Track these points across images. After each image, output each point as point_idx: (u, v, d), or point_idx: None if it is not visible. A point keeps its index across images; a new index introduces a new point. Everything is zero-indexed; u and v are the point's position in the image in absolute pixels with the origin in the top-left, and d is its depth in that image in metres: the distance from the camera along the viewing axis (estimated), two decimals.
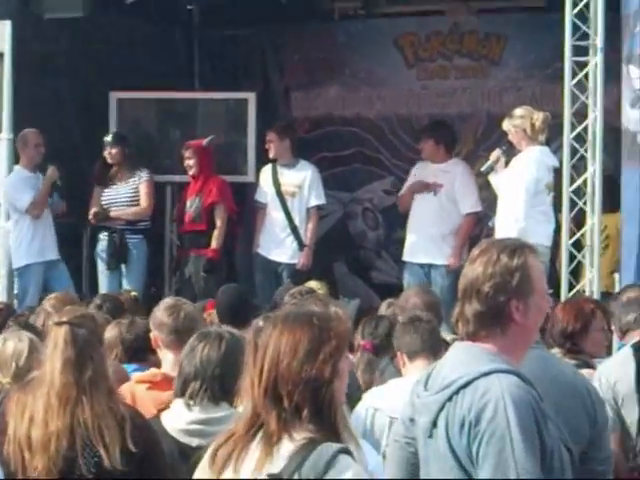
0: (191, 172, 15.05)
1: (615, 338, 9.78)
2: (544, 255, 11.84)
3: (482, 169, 13.82)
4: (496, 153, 13.46)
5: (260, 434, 4.22)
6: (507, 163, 13.31)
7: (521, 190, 12.98)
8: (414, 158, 15.31)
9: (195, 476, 4.56)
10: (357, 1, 16.71)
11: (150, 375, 7.59)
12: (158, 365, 7.77)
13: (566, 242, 12.59)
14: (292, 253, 15.04)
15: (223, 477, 4.35)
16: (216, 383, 5.92)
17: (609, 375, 8.18)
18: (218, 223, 14.95)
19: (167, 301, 8.15)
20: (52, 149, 14.68)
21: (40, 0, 14.48)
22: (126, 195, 15.24)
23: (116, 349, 8.47)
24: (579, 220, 12.73)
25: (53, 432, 5.64)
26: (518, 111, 13.21)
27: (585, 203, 12.56)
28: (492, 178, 13.56)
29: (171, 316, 7.66)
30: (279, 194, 15.11)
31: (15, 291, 14.70)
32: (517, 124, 13.14)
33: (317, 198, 15.23)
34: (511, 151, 13.28)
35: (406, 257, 14.73)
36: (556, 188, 12.95)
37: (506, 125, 13.21)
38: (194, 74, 17.34)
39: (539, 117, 13.06)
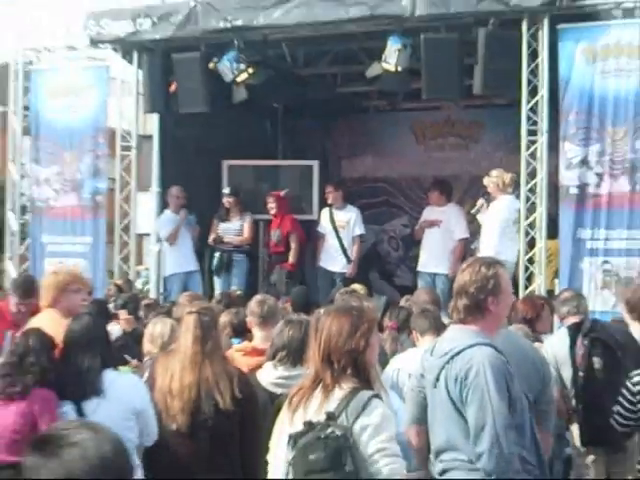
0: (272, 212, 16.49)
1: (556, 322, 10.48)
2: (510, 268, 12.47)
3: (472, 211, 14.98)
4: (481, 200, 14.68)
5: (320, 386, 5.23)
6: (488, 206, 14.42)
7: (496, 225, 14.17)
8: (422, 204, 16.69)
9: (279, 415, 5.55)
10: (384, 100, 18.14)
11: (243, 346, 8.42)
12: (251, 339, 8.53)
13: (523, 258, 13.67)
14: (342, 266, 16.22)
15: (296, 415, 5.26)
16: (296, 353, 6.75)
17: (553, 347, 9.13)
18: (293, 246, 16.29)
19: (257, 297, 8.99)
20: (187, 198, 16.31)
21: (177, 100, 15.32)
22: (235, 228, 16.52)
23: (227, 329, 8.99)
24: (532, 244, 13.73)
25: (186, 385, 6.60)
26: (494, 172, 14.27)
27: (536, 233, 13.59)
28: (478, 216, 14.72)
29: (260, 307, 8.46)
30: (334, 227, 16.31)
31: (161, 290, 16.04)
32: (493, 181, 14.26)
33: (359, 230, 16.42)
34: (489, 199, 14.40)
35: (419, 268, 15.97)
36: (518, 222, 13.86)
37: (486, 181, 14.40)
38: (278, 148, 18.84)
39: (508, 176, 14.16)
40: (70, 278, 9.04)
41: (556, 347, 9.07)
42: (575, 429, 9.03)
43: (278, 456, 5.28)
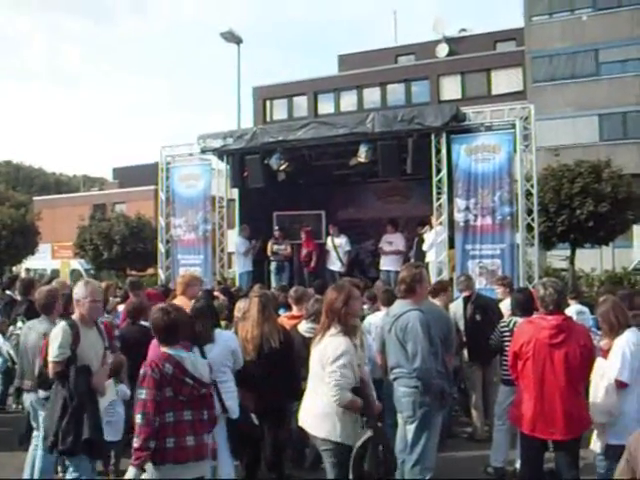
0: (303, 239, 16.38)
1: (456, 294, 10.23)
2: (430, 268, 12.93)
3: (422, 231, 14.21)
4: (426, 227, 14.00)
5: (322, 331, 5.19)
6: (430, 229, 13.74)
7: (429, 245, 13.71)
8: (381, 233, 15.73)
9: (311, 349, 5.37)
10: (359, 178, 17.02)
11: (287, 315, 8.14)
12: (290, 309, 8.36)
13: (437, 260, 13.27)
14: (339, 267, 15.75)
15: (314, 346, 5.27)
16: (318, 316, 6.19)
17: (455, 308, 9.11)
18: (314, 258, 16.10)
19: (294, 287, 8.69)
20: (253, 231, 16.02)
21: (247, 180, 15.11)
22: (282, 248, 16.12)
23: (276, 304, 8.22)
24: (441, 252, 13.21)
25: (255, 335, 6.60)
26: (432, 218, 13.49)
27: (443, 246, 13.19)
28: (424, 236, 14.04)
29: (295, 292, 8.25)
30: (334, 246, 15.87)
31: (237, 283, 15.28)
32: (432, 220, 13.53)
33: (347, 247, 15.92)
34: (430, 227, 13.80)
35: (381, 267, 15.16)
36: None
37: (432, 221, 13.56)
38: (302, 203, 17.44)
39: (436, 222, 13.36)
40: (191, 278, 9.12)
41: (455, 309, 9.11)
42: (465, 352, 9.09)
43: (312, 369, 5.30)
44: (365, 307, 9.20)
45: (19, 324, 8.57)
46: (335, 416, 4.98)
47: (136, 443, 4.50)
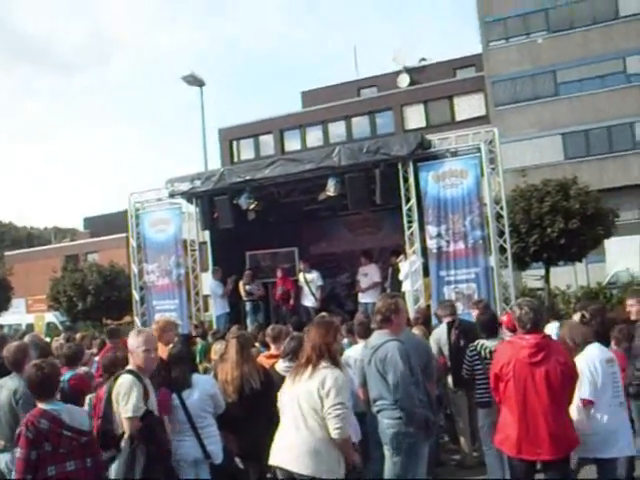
0: (279, 276, 16.16)
1: (434, 321, 10.20)
2: (407, 297, 12.78)
3: (397, 260, 14.18)
4: (401, 257, 14.01)
5: (310, 365, 5.08)
6: (405, 259, 13.68)
7: (405, 275, 13.64)
8: (355, 265, 15.85)
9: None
10: (329, 212, 16.99)
11: (266, 355, 8.03)
12: (269, 348, 8.25)
13: (412, 288, 13.15)
14: (312, 302, 15.63)
15: (295, 380, 5.15)
16: (295, 354, 6.35)
17: (437, 334, 9.06)
18: (292, 295, 16.01)
19: (271, 326, 8.58)
20: (225, 273, 15.89)
21: (218, 221, 15.14)
22: (256, 288, 16.15)
23: (256, 344, 8.68)
24: (416, 280, 13.13)
25: (235, 376, 6.59)
26: (407, 248, 13.38)
27: (417, 274, 13.15)
28: (400, 264, 13.99)
29: (272, 331, 8.16)
30: (306, 282, 15.75)
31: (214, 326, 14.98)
32: (407, 251, 13.42)
33: (320, 281, 15.85)
34: (404, 257, 13.75)
35: (360, 300, 15.05)
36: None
37: (406, 251, 13.43)
38: (274, 241, 17.38)
39: (411, 250, 13.28)
40: (165, 323, 8.78)
41: (440, 334, 9.01)
42: (449, 378, 9.00)
43: (283, 403, 5.27)
44: (345, 341, 9.14)
45: None
46: (324, 453, 4.91)
47: None
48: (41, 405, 4.84)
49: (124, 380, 5.30)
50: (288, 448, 5.00)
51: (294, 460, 4.93)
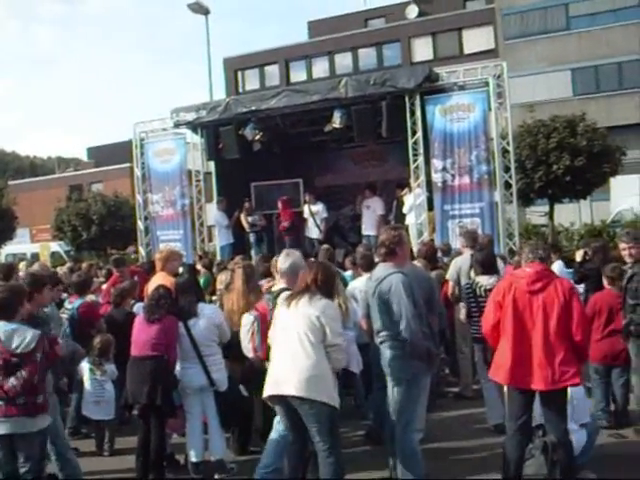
0: (280, 208, 16.14)
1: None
2: (410, 230, 12.96)
3: (402, 193, 14.30)
4: (406, 190, 14.10)
5: (307, 294, 5.13)
6: (410, 192, 13.75)
7: (409, 208, 13.74)
8: (360, 198, 15.63)
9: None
10: (335, 143, 16.69)
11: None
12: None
13: (417, 221, 13.32)
14: (317, 234, 15.55)
15: (291, 307, 5.12)
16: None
17: (458, 264, 8.84)
18: (296, 225, 15.97)
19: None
20: (229, 204, 15.99)
21: (223, 152, 15.12)
22: (258, 219, 16.15)
23: (258, 274, 8.06)
24: (420, 214, 13.29)
25: (241, 306, 6.78)
26: (411, 181, 13.46)
27: (422, 208, 13.30)
28: (405, 198, 14.11)
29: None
30: (311, 213, 15.72)
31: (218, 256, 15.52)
32: (411, 184, 13.55)
33: (325, 213, 15.77)
34: (409, 190, 13.87)
35: (363, 232, 15.15)
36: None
37: (411, 184, 13.53)
38: (279, 172, 17.24)
39: (416, 184, 13.37)
40: (169, 253, 9.00)
41: (462, 263, 8.82)
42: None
43: (276, 331, 5.28)
44: (348, 273, 9.15)
45: None
46: (325, 378, 4.93)
47: None
48: None
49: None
50: (292, 373, 4.93)
51: (300, 385, 4.87)
